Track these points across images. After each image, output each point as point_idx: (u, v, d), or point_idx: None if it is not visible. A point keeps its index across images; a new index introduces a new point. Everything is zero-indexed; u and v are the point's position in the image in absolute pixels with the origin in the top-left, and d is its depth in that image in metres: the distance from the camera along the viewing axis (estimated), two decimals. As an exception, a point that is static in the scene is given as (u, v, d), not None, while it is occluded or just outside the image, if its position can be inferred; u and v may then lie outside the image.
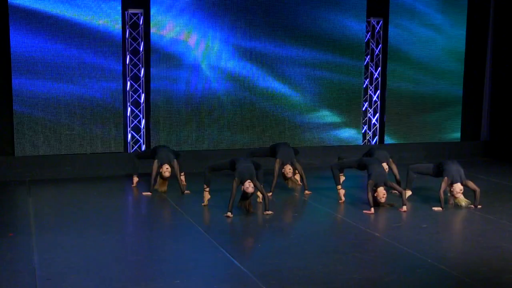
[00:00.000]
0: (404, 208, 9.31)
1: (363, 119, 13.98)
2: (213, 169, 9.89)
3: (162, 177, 10.42)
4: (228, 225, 8.75)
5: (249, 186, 8.96)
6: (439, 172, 9.67)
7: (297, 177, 10.96)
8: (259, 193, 9.45)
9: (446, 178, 9.43)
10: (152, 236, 8.34)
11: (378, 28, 13.81)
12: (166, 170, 10.37)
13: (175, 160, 10.53)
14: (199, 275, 6.70)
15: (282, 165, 10.51)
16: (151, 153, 10.89)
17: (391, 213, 9.31)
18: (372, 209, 9.23)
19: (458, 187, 9.48)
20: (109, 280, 6.45)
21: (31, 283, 6.29)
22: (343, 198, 9.95)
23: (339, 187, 10.06)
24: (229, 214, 8.91)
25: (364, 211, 9.28)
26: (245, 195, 9.06)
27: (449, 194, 9.59)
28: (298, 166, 10.58)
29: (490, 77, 14.80)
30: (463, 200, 9.45)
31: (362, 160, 10.07)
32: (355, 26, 13.41)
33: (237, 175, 9.10)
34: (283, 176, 10.53)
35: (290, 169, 10.43)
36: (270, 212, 9.12)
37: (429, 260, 7.07)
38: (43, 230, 8.30)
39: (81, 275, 6.59)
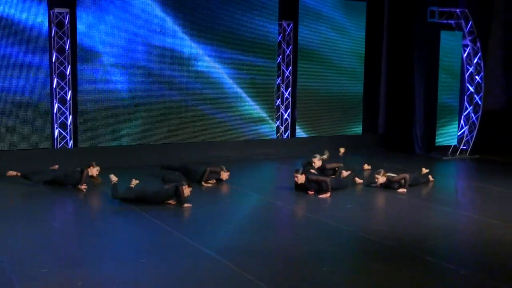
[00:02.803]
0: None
1: (276, 114, 15.02)
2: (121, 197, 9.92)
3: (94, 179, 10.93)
4: (172, 211, 9.36)
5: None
6: None
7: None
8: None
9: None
10: (103, 222, 8.82)
11: (288, 30, 14.90)
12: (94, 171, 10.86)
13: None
14: (160, 254, 7.28)
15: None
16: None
17: (315, 197, 10.35)
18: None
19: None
20: (75, 259, 6.96)
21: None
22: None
23: None
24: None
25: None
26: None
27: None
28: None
29: (385, 77, 16.38)
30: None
31: None
32: (268, 28, 14.44)
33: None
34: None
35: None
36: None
37: (361, 233, 8.16)
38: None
39: (45, 256, 7.01)
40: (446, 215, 9.46)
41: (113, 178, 9.88)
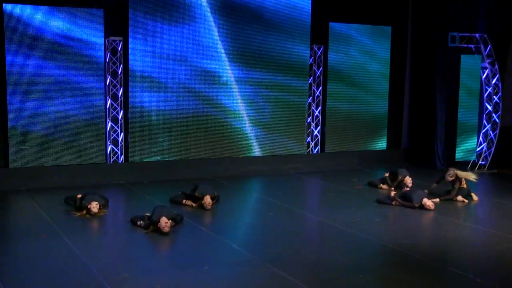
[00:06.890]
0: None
1: (307, 131, 16.19)
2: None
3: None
4: (223, 223, 10.55)
5: (165, 225, 9.57)
6: None
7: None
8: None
9: None
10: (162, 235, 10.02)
11: (319, 53, 16.08)
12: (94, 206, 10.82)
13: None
14: (218, 262, 8.40)
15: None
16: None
17: (347, 211, 11.47)
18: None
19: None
20: (151, 268, 8.11)
21: (90, 275, 7.74)
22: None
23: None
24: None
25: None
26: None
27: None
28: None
29: (408, 95, 17.49)
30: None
31: None
32: (301, 51, 15.64)
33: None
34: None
35: (209, 202, 11.37)
36: None
37: (390, 245, 9.27)
38: (68, 231, 9.69)
39: (123, 265, 8.17)
40: (465, 229, 10.54)
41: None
